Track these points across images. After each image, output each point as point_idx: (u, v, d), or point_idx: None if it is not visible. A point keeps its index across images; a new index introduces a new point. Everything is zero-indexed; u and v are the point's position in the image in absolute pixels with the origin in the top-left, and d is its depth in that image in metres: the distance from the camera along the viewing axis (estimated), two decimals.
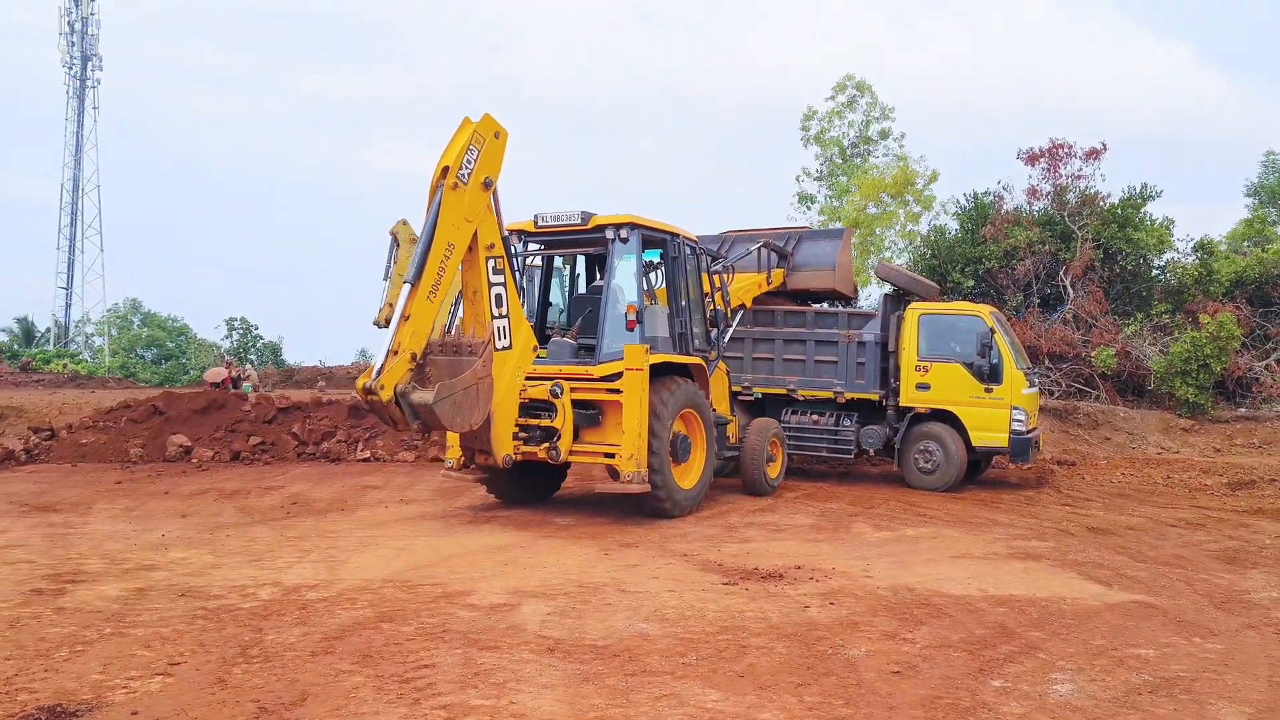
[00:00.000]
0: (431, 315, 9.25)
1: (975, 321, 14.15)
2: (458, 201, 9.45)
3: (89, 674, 5.34)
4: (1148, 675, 5.73)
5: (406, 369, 8.92)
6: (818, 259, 15.59)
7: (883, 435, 14.30)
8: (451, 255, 9.41)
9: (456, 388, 8.99)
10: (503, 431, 10.07)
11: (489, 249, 9.92)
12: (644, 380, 10.42)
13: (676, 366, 11.40)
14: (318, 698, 5.03)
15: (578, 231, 11.30)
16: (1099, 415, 20.13)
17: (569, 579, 7.89)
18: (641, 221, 11.19)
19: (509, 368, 10.05)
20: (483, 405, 9.34)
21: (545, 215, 11.37)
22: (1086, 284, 22.74)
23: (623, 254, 11.15)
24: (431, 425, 9.06)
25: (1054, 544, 10.02)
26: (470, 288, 10.00)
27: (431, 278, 9.17)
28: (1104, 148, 23.72)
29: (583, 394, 10.70)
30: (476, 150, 9.62)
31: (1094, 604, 7.46)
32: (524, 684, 5.29)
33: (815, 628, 6.58)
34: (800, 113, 35.48)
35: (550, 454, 10.50)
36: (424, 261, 9.14)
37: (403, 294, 9.11)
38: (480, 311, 9.92)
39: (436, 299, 9.26)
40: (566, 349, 11.39)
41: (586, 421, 10.79)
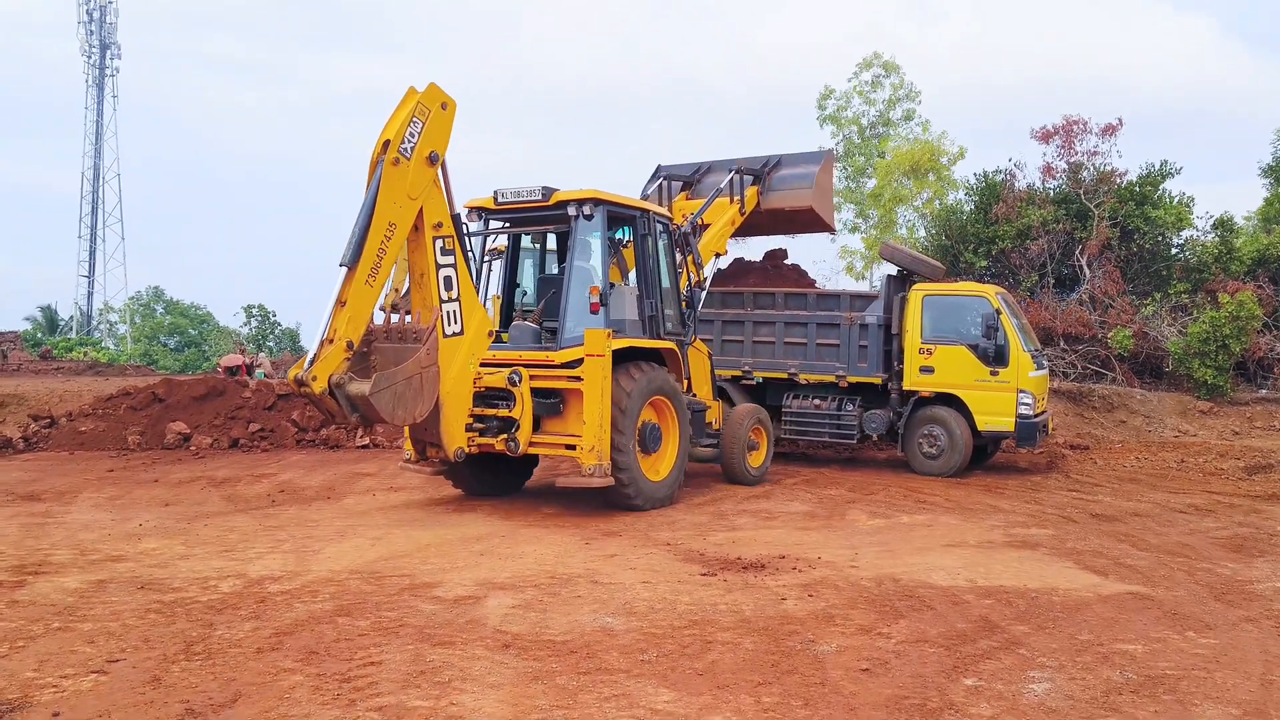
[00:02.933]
0: (371, 301, 8.71)
1: (981, 302, 13.78)
2: (400, 177, 8.81)
3: (22, 671, 5.16)
4: (1132, 673, 5.44)
5: (342, 358, 8.37)
6: (796, 178, 14.76)
7: (886, 420, 13.98)
8: (393, 235, 8.75)
9: (397, 377, 8.44)
10: (454, 423, 9.43)
11: (436, 228, 9.27)
12: (606, 366, 9.78)
13: (645, 351, 10.76)
14: (250, 698, 4.82)
15: (540, 208, 10.55)
16: (1114, 398, 19.68)
17: (543, 570, 7.67)
18: (607, 197, 10.48)
19: (460, 355, 9.39)
20: (427, 396, 8.75)
21: (505, 191, 10.67)
22: (1103, 263, 22.24)
23: (587, 231, 10.50)
24: (371, 418, 8.50)
25: (1054, 531, 9.70)
26: (417, 270, 9.38)
27: (370, 260, 8.55)
28: (1120, 124, 23.19)
29: (543, 382, 10.10)
30: (421, 122, 8.97)
31: (1086, 595, 7.16)
32: (469, 683, 5.08)
33: (788, 621, 6.33)
34: (817, 92, 34.96)
35: (509, 446, 9.95)
36: (362, 243, 8.52)
37: (339, 277, 8.50)
38: (428, 295, 9.30)
39: (377, 283, 8.65)
40: (528, 334, 10.81)
41: (547, 411, 10.18)
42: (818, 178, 14.76)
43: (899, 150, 31.34)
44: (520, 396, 9.91)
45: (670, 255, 11.67)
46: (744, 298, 14.90)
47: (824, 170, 15.02)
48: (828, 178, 15.24)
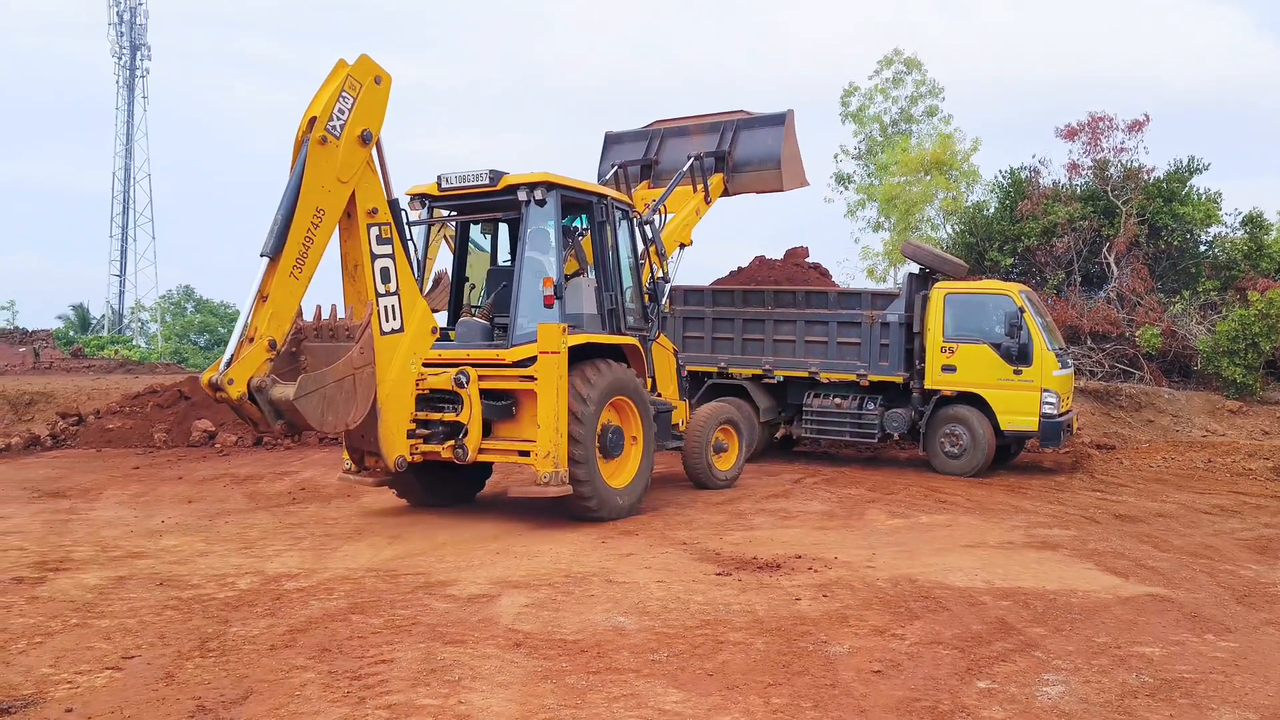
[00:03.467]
0: (297, 294, 7.85)
1: (1004, 300, 13.67)
2: (327, 158, 7.99)
3: (39, 668, 5.22)
4: (1148, 676, 5.37)
5: (264, 359, 7.53)
6: (760, 154, 13.79)
7: (907, 419, 13.89)
8: (321, 222, 7.92)
9: (326, 379, 7.66)
10: (394, 429, 8.61)
11: (371, 215, 8.44)
12: (561, 365, 9.05)
13: (604, 348, 9.97)
14: (261, 695, 4.86)
15: (488, 194, 9.77)
16: (1142, 397, 19.44)
17: (557, 569, 7.67)
18: (560, 181, 9.70)
19: (400, 354, 8.58)
20: (361, 400, 7.99)
21: (450, 175, 9.89)
22: (1130, 261, 21.97)
23: (539, 219, 9.72)
24: (297, 425, 7.72)
25: (1076, 532, 9.60)
26: (350, 261, 8.57)
27: (295, 250, 7.74)
28: (1147, 119, 22.87)
29: (494, 382, 9.34)
30: (351, 98, 8.13)
31: (1105, 597, 7.08)
32: (479, 682, 5.09)
33: (802, 622, 6.30)
34: (841, 87, 34.76)
35: (456, 453, 9.18)
36: (286, 230, 7.71)
37: (260, 269, 7.67)
38: (362, 289, 8.50)
39: (303, 275, 7.82)
40: (477, 330, 10.05)
41: (499, 414, 9.42)
42: (783, 154, 13.82)
43: (907, 154, 31.06)
44: (468, 399, 9.15)
45: (631, 244, 10.94)
46: (765, 296, 14.85)
47: (788, 140, 14.02)
48: (793, 144, 14.21)
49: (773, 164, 13.66)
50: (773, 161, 13.65)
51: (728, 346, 14.80)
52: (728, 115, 14.49)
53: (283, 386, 7.48)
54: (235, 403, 7.50)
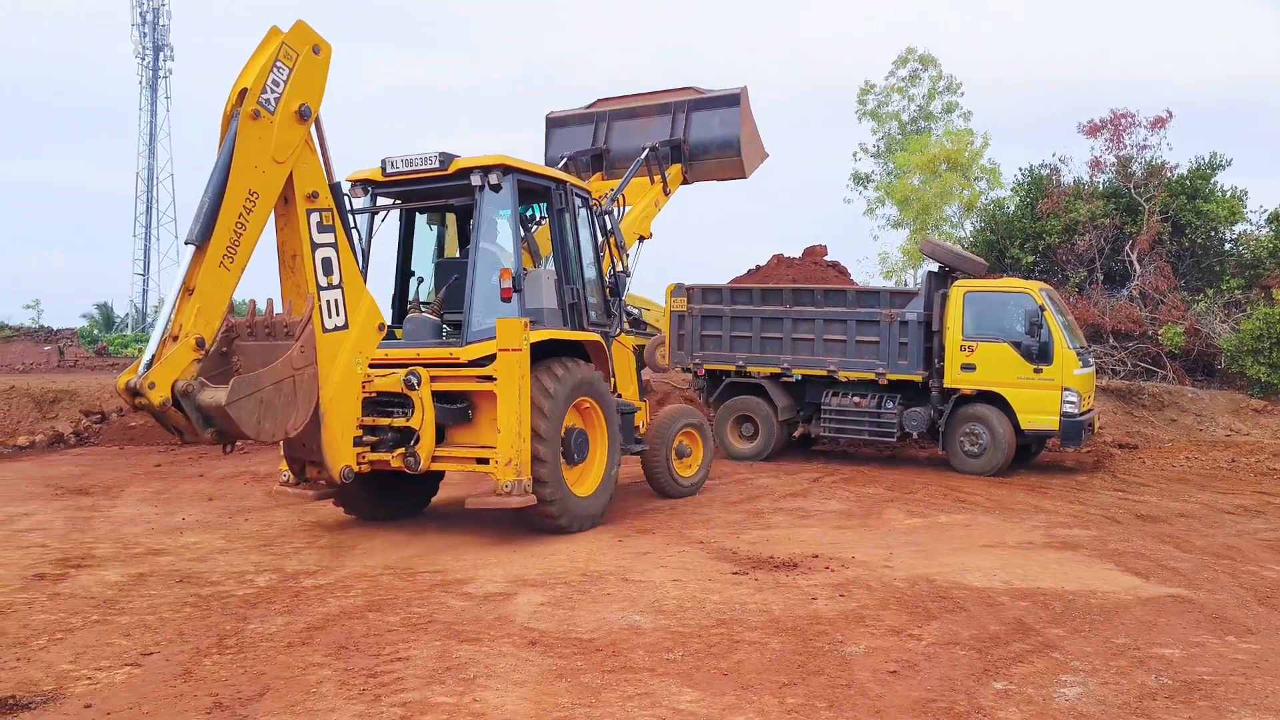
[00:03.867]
0: (228, 287, 6.93)
1: (1024, 299, 13.57)
2: (261, 135, 7.09)
3: (59, 664, 5.28)
4: (1167, 678, 5.32)
5: (190, 359, 6.56)
6: (718, 139, 12.86)
7: (926, 418, 13.82)
8: (255, 207, 7.05)
9: (263, 382, 6.74)
10: (339, 437, 7.70)
11: (310, 199, 7.57)
12: (524, 363, 8.31)
13: (566, 344, 9.25)
14: (277, 692, 4.89)
15: (437, 179, 9.00)
16: (1165, 396, 19.26)
17: (574, 567, 7.68)
18: (517, 164, 8.99)
19: (344, 353, 7.69)
20: (302, 404, 7.07)
21: (395, 159, 9.10)
22: (1153, 259, 21.78)
23: (495, 206, 8.98)
24: (230, 433, 6.78)
25: (1096, 533, 9.52)
26: (288, 250, 7.68)
27: (226, 237, 6.83)
28: (1170, 116, 22.68)
29: (448, 384, 8.61)
30: (287, 69, 7.24)
31: (1125, 598, 7.02)
32: (494, 680, 5.10)
33: (818, 622, 6.28)
34: (858, 85, 34.68)
35: (407, 462, 8.38)
36: (214, 215, 6.81)
37: (185, 258, 6.77)
38: (301, 281, 7.60)
39: (235, 266, 6.91)
40: (427, 327, 9.26)
41: (454, 418, 8.69)
42: (742, 137, 12.92)
43: (925, 152, 30.89)
44: (420, 402, 8.39)
45: (592, 234, 10.18)
46: (783, 294, 14.80)
47: (745, 121, 13.09)
48: (751, 124, 13.26)
49: (733, 150, 12.77)
50: (733, 147, 12.75)
51: (746, 345, 14.77)
52: (677, 93, 13.50)
53: (213, 390, 6.52)
54: (157, 409, 6.44)
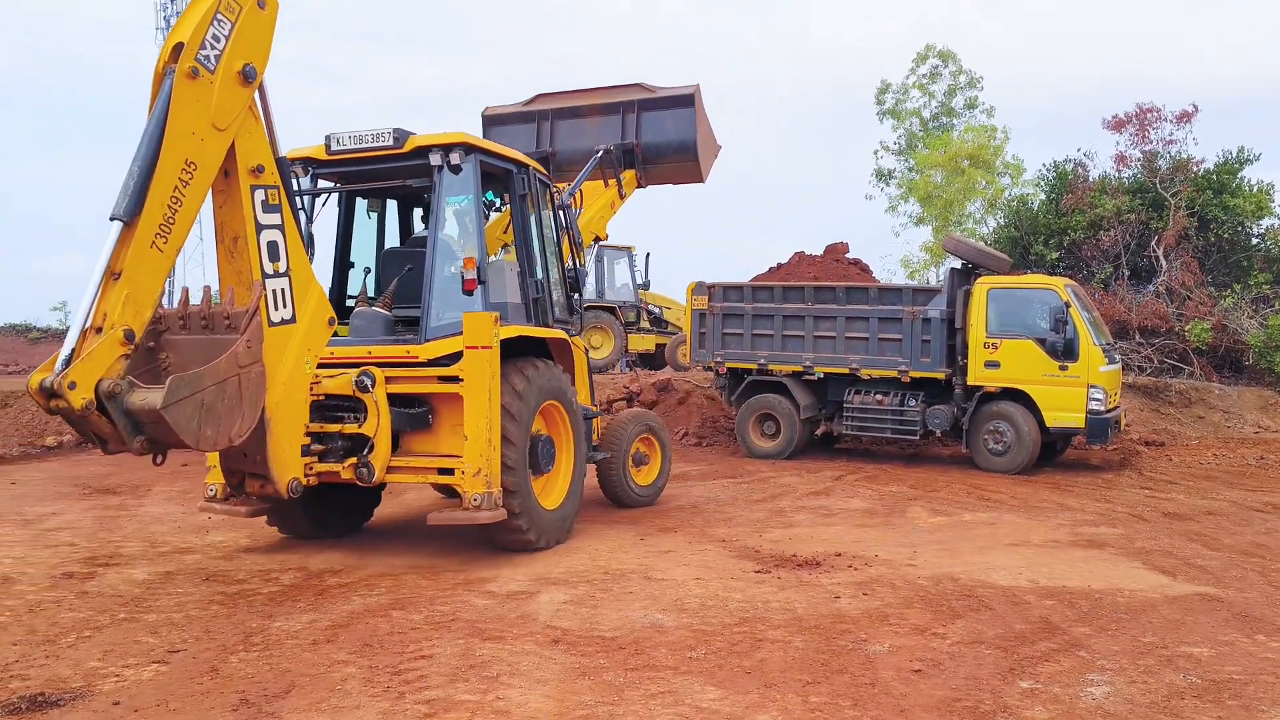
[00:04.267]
0: (161, 271, 5.92)
1: (1049, 295, 13.47)
2: (199, 97, 6.09)
3: (87, 661, 5.34)
4: (1196, 677, 5.27)
5: (117, 355, 5.57)
6: (674, 142, 12.11)
7: (950, 415, 13.74)
8: (192, 180, 6.05)
9: (204, 382, 5.74)
10: (286, 445, 6.79)
11: (255, 174, 6.62)
12: (494, 362, 7.57)
13: (529, 343, 8.48)
14: (303, 689, 4.92)
15: (390, 158, 8.20)
16: (1192, 393, 19.06)
17: (596, 565, 7.69)
18: (480, 144, 8.31)
19: (292, 350, 6.75)
20: (248, 408, 6.08)
21: (343, 135, 8.25)
22: (1180, 254, 21.55)
23: (456, 188, 8.22)
24: (165, 441, 5.76)
25: (1123, 530, 9.44)
26: (229, 232, 6.70)
27: (159, 213, 5.84)
28: (1195, 110, 22.43)
29: (404, 385, 7.82)
30: (229, 22, 6.28)
31: (1153, 596, 6.95)
32: (517, 678, 5.11)
33: (841, 620, 6.25)
34: (875, 84, 34.58)
35: (360, 473, 7.56)
36: (145, 188, 5.79)
37: (111, 236, 5.71)
38: (244, 267, 6.66)
39: (168, 247, 5.91)
40: (378, 323, 8.38)
41: (411, 424, 7.88)
42: (699, 140, 12.28)
43: (948, 148, 30.71)
44: (374, 406, 7.58)
45: (554, 223, 9.49)
46: (805, 292, 14.75)
47: (700, 122, 12.43)
48: (705, 124, 12.64)
49: (690, 154, 12.03)
50: (689, 151, 12.01)
51: (767, 343, 14.72)
52: (624, 91, 12.71)
53: (145, 391, 5.56)
54: (78, 414, 5.45)
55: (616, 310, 21.84)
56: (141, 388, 5.60)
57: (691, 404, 16.55)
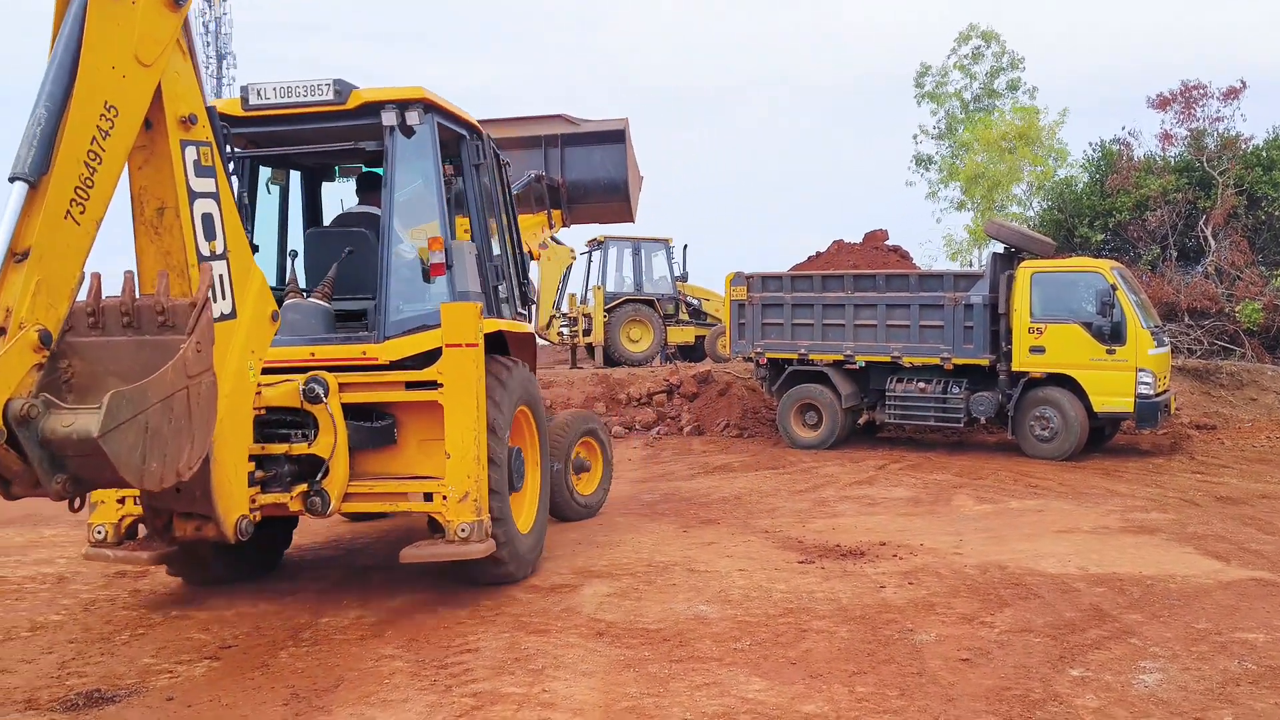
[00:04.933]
0: (79, 250, 4.33)
1: (1095, 278, 13.25)
2: (120, 21, 4.56)
3: (141, 658, 5.44)
4: (1251, 663, 5.17)
5: (30, 365, 4.04)
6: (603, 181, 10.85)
7: (994, 402, 13.57)
8: (114, 130, 4.49)
9: (148, 399, 4.19)
10: (232, 475, 5.35)
11: (186, 125, 5.10)
12: (480, 363, 6.26)
13: (493, 339, 6.94)
14: (351, 683, 4.99)
15: (328, 115, 6.64)
16: (1244, 374, 18.68)
17: (639, 558, 7.70)
18: (439, 102, 6.86)
19: (234, 353, 5.28)
20: (200, 431, 4.55)
21: (265, 87, 6.59)
22: (1229, 233, 21.09)
23: (413, 154, 6.82)
24: (94, 481, 4.25)
25: (1175, 516, 9.27)
26: (151, 201, 5.10)
27: (72, 172, 4.28)
28: (1243, 86, 21.92)
29: (361, 393, 6.38)
30: None
31: (1206, 582, 6.83)
32: (562, 670, 5.13)
33: (887, 610, 6.21)
34: (910, 67, 34.21)
35: (311, 505, 6.13)
36: (53, 138, 4.24)
37: (11, 203, 4.14)
38: (173, 247, 5.09)
39: (87, 218, 4.34)
40: (317, 317, 6.74)
41: (374, 441, 6.47)
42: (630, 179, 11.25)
43: (989, 130, 30.27)
44: (328, 420, 6.15)
45: (508, 199, 8.09)
46: (844, 280, 14.64)
47: (630, 161, 11.40)
48: (634, 161, 11.57)
49: (620, 195, 10.76)
50: (619, 191, 10.72)
51: (808, 333, 14.62)
52: (546, 123, 11.38)
53: (69, 414, 4.00)
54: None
55: (655, 303, 21.86)
56: (64, 409, 4.03)
57: (732, 395, 16.50)
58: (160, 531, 5.47)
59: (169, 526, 5.40)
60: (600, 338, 21.37)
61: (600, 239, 22.28)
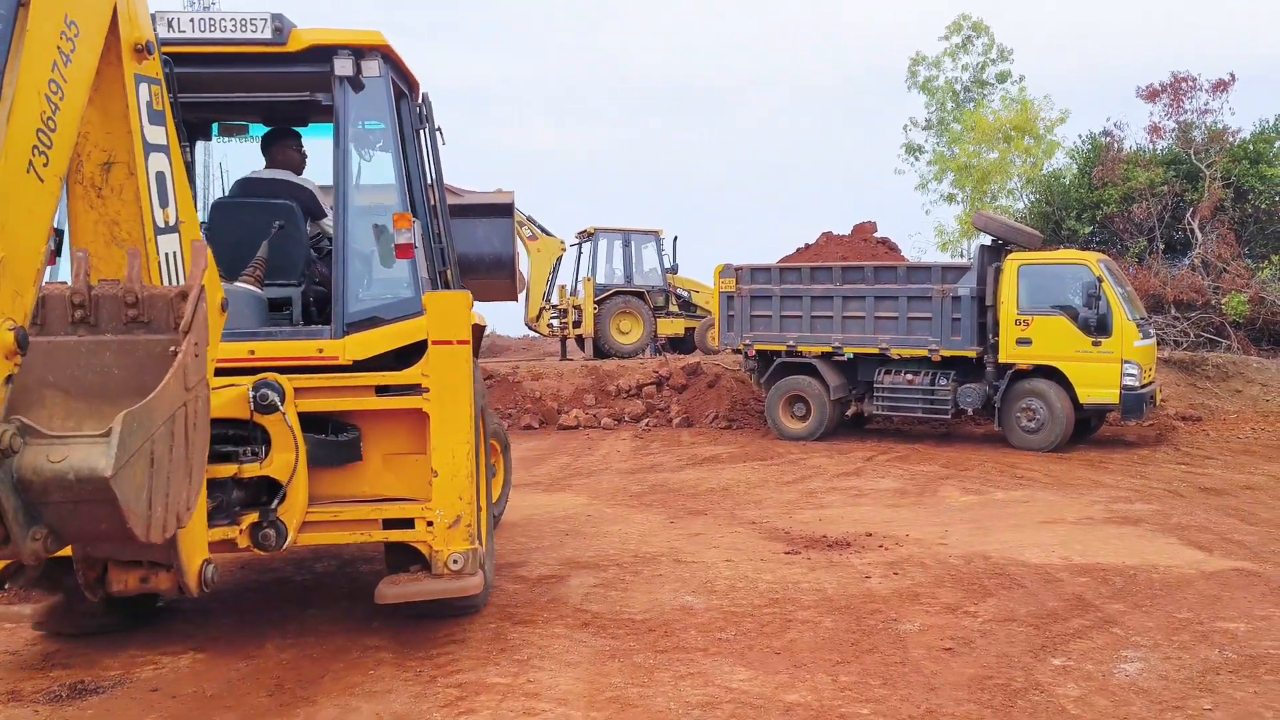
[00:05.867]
0: (46, 215, 3.10)
1: (1081, 270, 13.30)
2: None
3: (126, 649, 5.43)
4: (1232, 653, 5.21)
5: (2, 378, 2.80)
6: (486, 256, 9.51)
7: (981, 394, 13.62)
8: (75, 54, 3.28)
9: (154, 421, 3.17)
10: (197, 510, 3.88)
11: (140, 56, 3.95)
12: (469, 363, 5.29)
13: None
14: (337, 674, 4.99)
15: (261, 58, 5.47)
16: (1230, 366, 18.78)
17: (626, 549, 7.71)
18: (395, 54, 5.80)
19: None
20: (198, 460, 3.58)
21: (179, 18, 5.29)
22: (1215, 226, 21.20)
23: (367, 110, 5.75)
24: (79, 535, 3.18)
25: (1158, 507, 9.33)
26: (96, 151, 3.93)
27: (35, 108, 3.03)
28: (1232, 79, 22.01)
29: (317, 400, 5.22)
30: None
31: (1189, 572, 6.88)
32: (548, 660, 5.15)
33: (871, 600, 6.24)
34: (896, 60, 34.20)
35: (261, 539, 5.09)
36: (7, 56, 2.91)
37: None
38: (124, 215, 3.98)
39: (50, 169, 3.10)
40: (249, 306, 5.52)
41: (331, 458, 5.29)
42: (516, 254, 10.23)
43: (983, 121, 30.27)
44: (285, 433, 5.02)
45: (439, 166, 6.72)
46: (833, 272, 14.66)
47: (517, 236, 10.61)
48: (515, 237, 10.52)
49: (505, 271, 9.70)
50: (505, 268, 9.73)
51: (796, 324, 14.65)
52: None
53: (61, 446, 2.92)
54: None
55: (645, 295, 21.86)
56: (48, 438, 2.92)
57: (721, 387, 16.53)
58: (92, 586, 4.15)
59: (102, 580, 4.15)
60: (590, 329, 21.38)
61: (590, 231, 22.27)
